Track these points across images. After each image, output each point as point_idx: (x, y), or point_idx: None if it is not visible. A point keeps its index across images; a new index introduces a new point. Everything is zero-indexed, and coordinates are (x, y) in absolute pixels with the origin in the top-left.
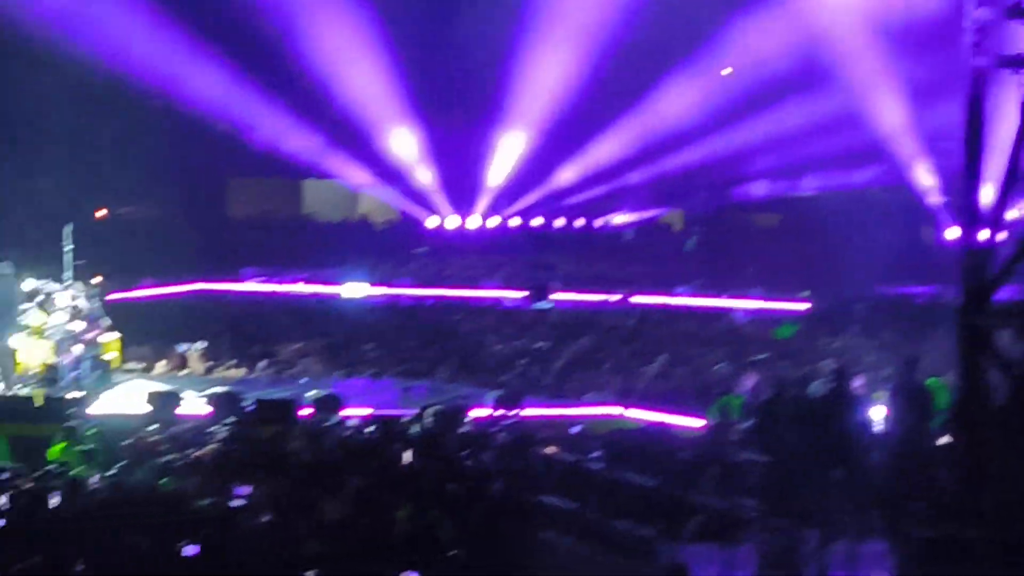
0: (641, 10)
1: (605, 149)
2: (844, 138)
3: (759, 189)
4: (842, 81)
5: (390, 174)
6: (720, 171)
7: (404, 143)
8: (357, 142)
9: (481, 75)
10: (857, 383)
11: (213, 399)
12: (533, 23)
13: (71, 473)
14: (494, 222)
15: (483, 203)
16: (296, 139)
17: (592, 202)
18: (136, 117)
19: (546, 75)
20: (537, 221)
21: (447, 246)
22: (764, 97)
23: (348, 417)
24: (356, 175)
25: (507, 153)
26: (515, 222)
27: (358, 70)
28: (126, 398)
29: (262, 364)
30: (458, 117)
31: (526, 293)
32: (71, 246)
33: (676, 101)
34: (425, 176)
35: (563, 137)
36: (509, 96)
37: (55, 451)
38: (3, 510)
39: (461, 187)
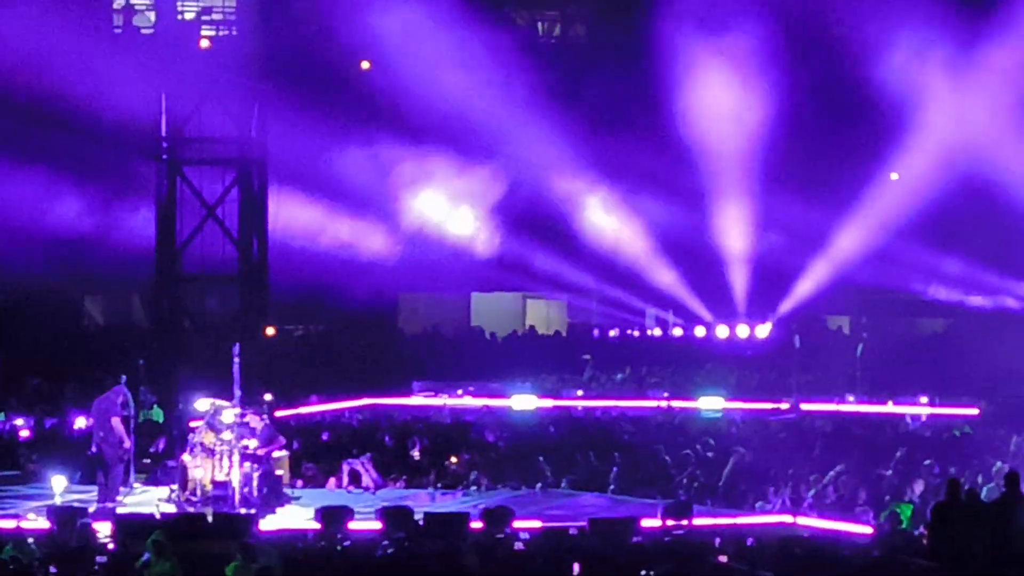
0: None
1: None
2: None
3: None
4: None
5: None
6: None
7: None
8: None
9: None
10: None
11: (383, 514)
12: None
13: None
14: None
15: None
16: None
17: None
18: None
19: None
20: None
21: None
22: None
23: (518, 530)
24: None
25: None
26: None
27: None
28: (296, 514)
29: (432, 478)
30: None
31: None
32: (239, 364)
33: None
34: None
35: None
36: None
37: (229, 570)
38: None
39: None
